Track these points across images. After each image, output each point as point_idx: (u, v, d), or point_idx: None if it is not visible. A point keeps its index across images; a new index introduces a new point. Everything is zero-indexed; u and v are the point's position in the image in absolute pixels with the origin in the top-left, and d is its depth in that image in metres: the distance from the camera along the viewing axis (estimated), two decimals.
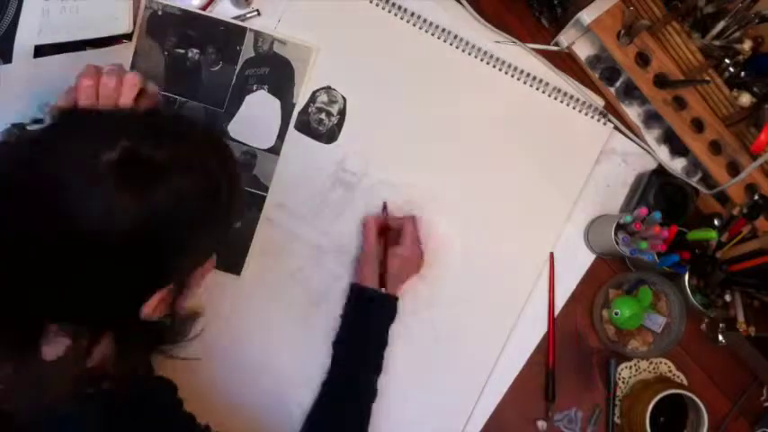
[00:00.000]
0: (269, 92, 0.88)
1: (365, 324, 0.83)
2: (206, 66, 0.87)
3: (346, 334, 0.83)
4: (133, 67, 0.86)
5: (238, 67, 0.87)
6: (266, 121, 0.87)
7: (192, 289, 0.61)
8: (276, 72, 0.88)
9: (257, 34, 0.87)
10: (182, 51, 0.87)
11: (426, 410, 0.87)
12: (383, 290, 0.82)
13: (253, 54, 0.87)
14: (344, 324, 0.84)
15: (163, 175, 0.51)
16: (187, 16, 0.87)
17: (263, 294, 0.87)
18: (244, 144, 0.87)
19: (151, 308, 0.55)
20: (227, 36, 0.87)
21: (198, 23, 0.87)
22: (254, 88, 0.87)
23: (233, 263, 0.86)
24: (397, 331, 0.86)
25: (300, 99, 0.88)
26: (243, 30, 0.87)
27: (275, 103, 0.88)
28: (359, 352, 0.83)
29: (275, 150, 0.87)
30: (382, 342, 0.83)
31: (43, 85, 0.86)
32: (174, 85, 0.87)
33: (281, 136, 0.87)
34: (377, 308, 0.83)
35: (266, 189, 0.87)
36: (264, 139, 0.87)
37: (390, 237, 0.85)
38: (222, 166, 0.58)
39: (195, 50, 0.87)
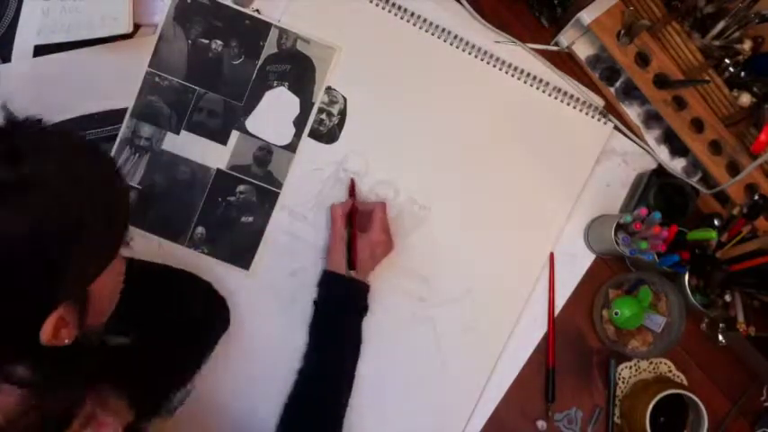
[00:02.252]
0: (289, 89, 0.88)
1: (337, 314, 0.83)
2: (228, 58, 0.87)
3: (320, 323, 0.84)
4: (155, 52, 0.86)
5: (260, 63, 0.87)
6: (284, 117, 0.88)
7: (102, 299, 0.57)
8: (297, 70, 0.88)
9: (282, 31, 0.87)
10: (206, 42, 0.87)
11: (426, 410, 0.87)
12: (353, 273, 0.82)
13: (276, 50, 0.87)
14: (318, 312, 0.84)
15: (21, 192, 0.49)
16: (215, 6, 0.87)
17: (265, 294, 0.87)
18: (260, 139, 0.87)
19: (48, 334, 0.51)
20: (251, 30, 0.87)
21: (224, 15, 0.87)
22: (275, 84, 0.88)
23: (242, 257, 0.87)
24: (397, 332, 0.87)
25: (319, 98, 0.88)
26: (268, 25, 0.87)
27: (294, 101, 0.88)
28: (332, 345, 0.83)
29: (291, 148, 0.88)
30: (356, 335, 0.84)
31: (42, 85, 0.86)
32: (195, 76, 0.87)
33: (299, 134, 0.88)
34: (349, 296, 0.83)
35: (280, 186, 0.87)
36: (281, 136, 0.88)
37: (360, 221, 0.85)
38: (95, 173, 0.55)
39: (219, 42, 0.87)
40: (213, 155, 0.87)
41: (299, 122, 0.88)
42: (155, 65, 0.87)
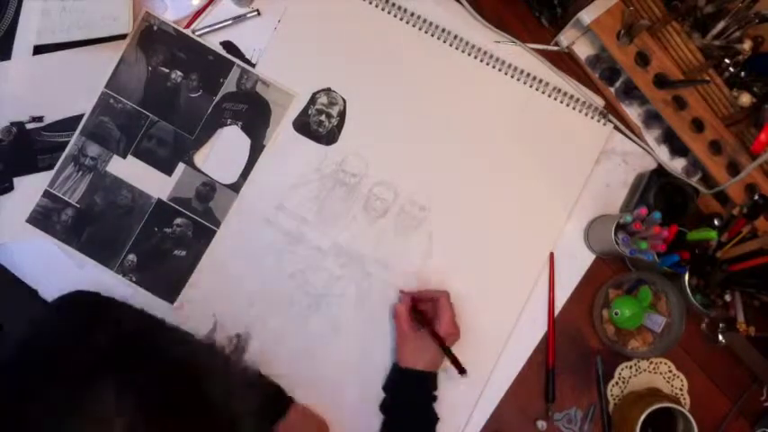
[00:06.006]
0: (242, 129, 0.87)
1: (410, 403, 0.83)
2: (186, 90, 0.87)
3: (393, 412, 0.84)
4: (114, 74, 0.87)
5: (217, 99, 0.87)
6: (233, 156, 0.87)
7: None
8: (253, 111, 0.88)
9: (243, 71, 0.87)
10: (166, 71, 0.87)
11: None
12: (419, 366, 0.82)
13: (234, 89, 0.87)
14: (390, 402, 0.84)
15: None
16: (180, 38, 0.87)
17: (264, 296, 0.87)
18: (206, 175, 0.87)
19: None
20: (213, 66, 0.87)
21: (189, 47, 0.87)
22: (228, 122, 0.87)
23: (169, 290, 0.86)
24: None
25: (271, 142, 0.88)
26: (230, 64, 0.87)
27: (246, 141, 0.87)
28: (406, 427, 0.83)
29: (236, 188, 0.87)
30: (430, 418, 0.83)
31: (41, 84, 0.87)
32: (150, 102, 0.87)
33: (245, 174, 0.87)
34: (419, 386, 0.83)
35: (218, 224, 0.87)
36: (227, 175, 0.87)
37: (426, 312, 0.84)
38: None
39: (179, 73, 0.87)
40: (156, 184, 0.87)
41: (248, 164, 0.87)
42: (112, 86, 0.87)
